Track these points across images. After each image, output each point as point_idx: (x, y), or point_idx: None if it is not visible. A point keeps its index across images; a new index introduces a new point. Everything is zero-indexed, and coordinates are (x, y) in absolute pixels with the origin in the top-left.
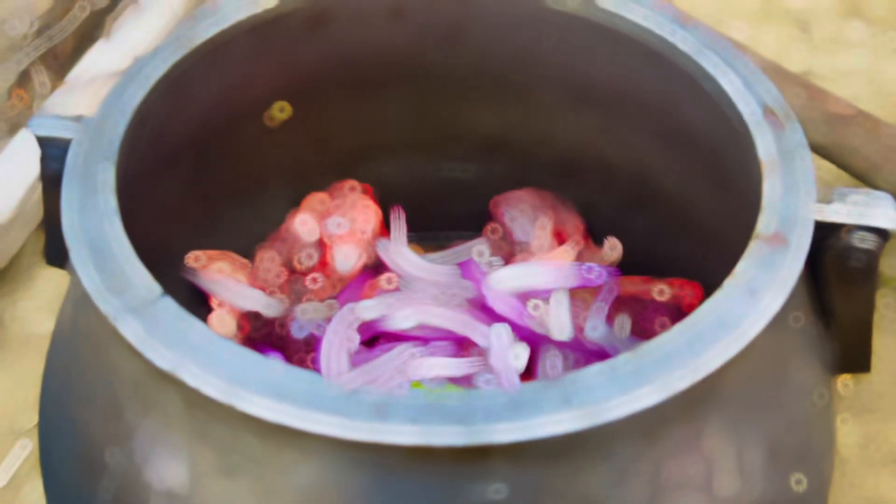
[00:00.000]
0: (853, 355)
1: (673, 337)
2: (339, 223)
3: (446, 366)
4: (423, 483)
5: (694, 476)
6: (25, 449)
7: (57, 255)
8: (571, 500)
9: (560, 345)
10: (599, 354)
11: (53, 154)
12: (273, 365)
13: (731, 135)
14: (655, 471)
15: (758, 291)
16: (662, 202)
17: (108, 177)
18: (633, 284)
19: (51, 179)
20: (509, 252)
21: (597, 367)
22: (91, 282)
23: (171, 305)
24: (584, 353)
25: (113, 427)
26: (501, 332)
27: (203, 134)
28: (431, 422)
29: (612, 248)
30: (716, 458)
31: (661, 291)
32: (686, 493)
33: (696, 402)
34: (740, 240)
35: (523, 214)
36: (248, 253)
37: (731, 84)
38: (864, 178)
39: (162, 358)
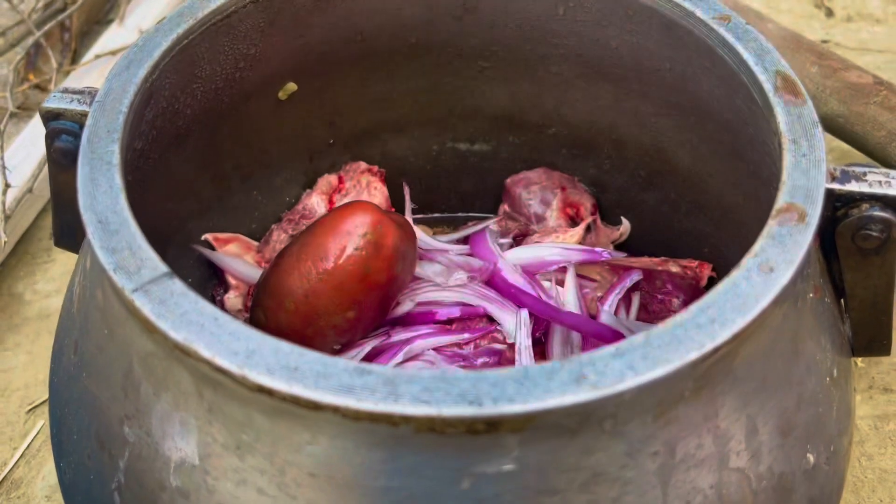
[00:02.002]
0: (871, 336)
1: (686, 316)
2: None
3: (449, 340)
4: (433, 456)
5: (706, 454)
6: (38, 423)
7: (64, 235)
8: (582, 475)
9: (572, 324)
10: (613, 335)
11: (63, 128)
12: (281, 343)
13: (747, 106)
14: (668, 449)
15: (775, 269)
16: (675, 178)
17: (113, 156)
18: (647, 265)
19: (60, 155)
20: (522, 232)
21: (610, 348)
22: (108, 259)
23: (179, 285)
24: (596, 334)
25: (130, 404)
26: (524, 313)
27: (212, 112)
28: (442, 394)
29: (623, 232)
30: (729, 436)
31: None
32: (698, 470)
33: (708, 379)
34: (755, 216)
35: (535, 195)
36: (259, 232)
37: (749, 54)
38: (881, 150)
39: (177, 331)
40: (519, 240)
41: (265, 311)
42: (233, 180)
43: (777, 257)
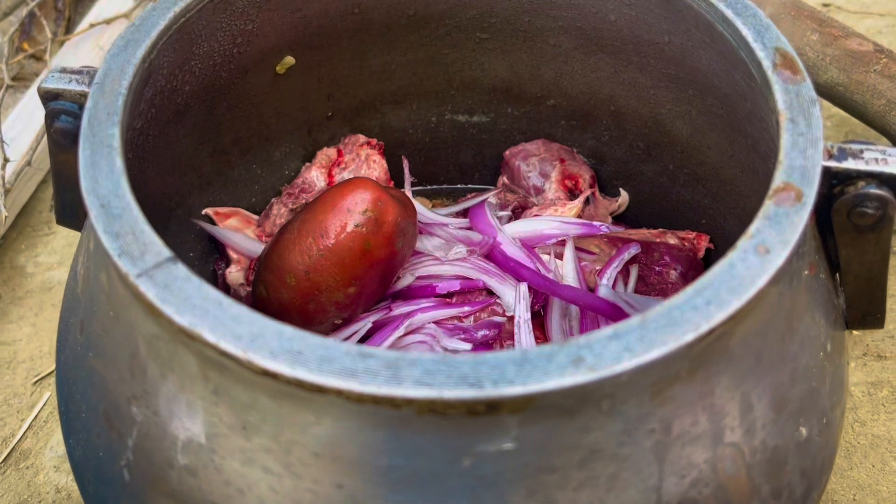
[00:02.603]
0: (865, 311)
1: (682, 298)
2: (348, 178)
3: (449, 313)
4: (435, 436)
5: (701, 431)
6: (45, 394)
7: (66, 214)
8: (580, 453)
9: (570, 298)
10: (611, 309)
11: (62, 108)
12: (284, 327)
13: (746, 82)
14: (664, 427)
15: (771, 251)
16: (674, 150)
17: (114, 139)
18: (645, 237)
19: (60, 135)
20: (521, 204)
21: (607, 330)
22: (111, 244)
23: (183, 270)
24: (594, 307)
25: (137, 384)
26: (523, 287)
27: (210, 87)
28: (443, 377)
29: (622, 203)
30: (724, 413)
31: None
32: (693, 446)
33: (703, 359)
34: (752, 188)
35: (534, 167)
36: (259, 206)
37: (748, 30)
38: (880, 119)
39: (181, 315)
40: (518, 212)
41: (267, 286)
42: (232, 154)
43: (773, 238)
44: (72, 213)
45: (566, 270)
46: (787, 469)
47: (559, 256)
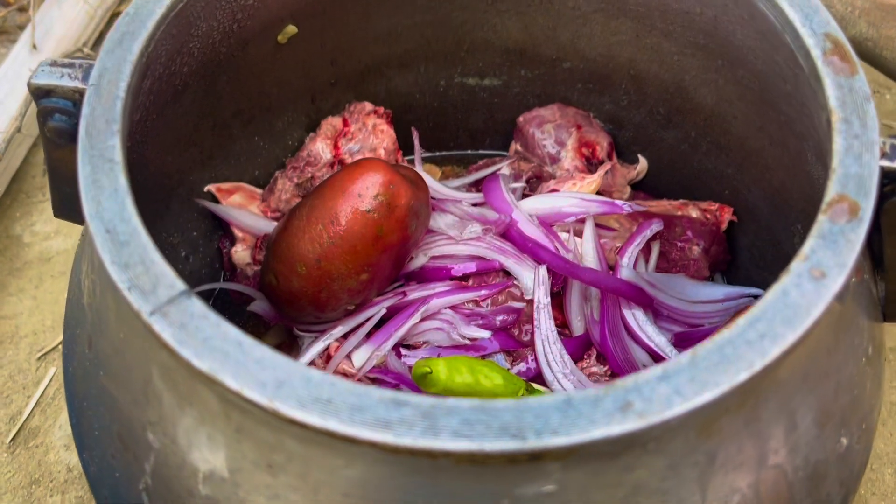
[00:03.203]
0: None
1: (734, 332)
2: (355, 149)
3: (465, 297)
4: (473, 482)
5: (746, 457)
6: (50, 370)
7: (64, 207)
8: (622, 490)
9: (591, 280)
10: (632, 290)
11: (55, 107)
12: (311, 371)
13: (789, 67)
14: (708, 458)
15: (827, 275)
16: (697, 117)
17: (115, 152)
18: (666, 209)
19: (55, 134)
20: (536, 174)
21: (656, 370)
22: (120, 277)
23: (199, 306)
24: (616, 289)
25: (152, 411)
26: (542, 270)
27: (209, 64)
28: (483, 427)
29: (640, 171)
30: (769, 437)
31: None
32: (737, 472)
33: (753, 390)
34: (781, 163)
35: (550, 134)
36: (263, 178)
37: (794, 12)
38: None
39: (200, 360)
40: (532, 183)
41: (276, 275)
42: (234, 127)
43: (828, 260)
44: (70, 206)
45: (586, 249)
46: (827, 482)
47: (578, 234)
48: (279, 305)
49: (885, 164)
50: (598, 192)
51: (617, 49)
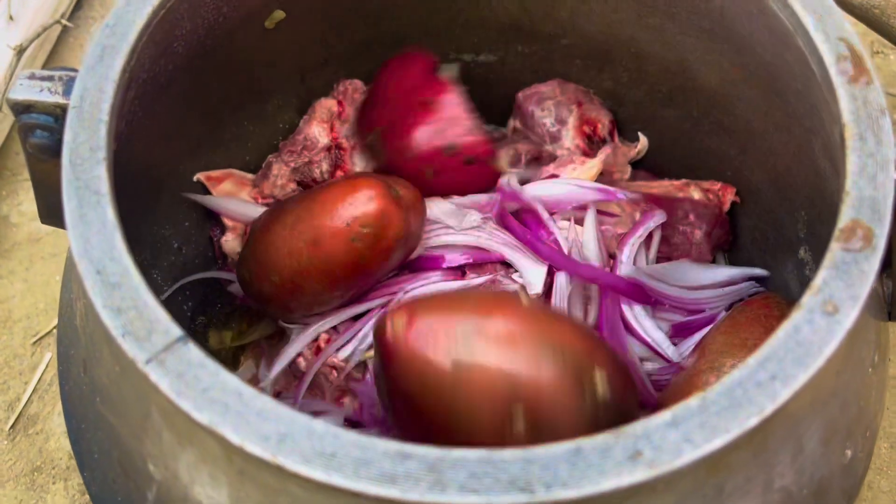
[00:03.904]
0: None
1: (745, 373)
2: (352, 131)
3: (451, 287)
4: None
5: (753, 484)
6: (46, 355)
7: (50, 214)
8: None
9: (590, 277)
10: (632, 288)
11: (36, 123)
12: (314, 423)
13: (800, 69)
14: (716, 491)
15: (840, 309)
16: (699, 96)
17: (101, 183)
18: (667, 190)
19: (37, 150)
20: (535, 154)
21: (665, 416)
22: (113, 323)
23: (196, 353)
24: (615, 286)
25: (152, 445)
26: (562, 277)
27: (195, 58)
28: (491, 480)
29: (641, 149)
30: (776, 463)
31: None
32: (744, 499)
33: (763, 428)
34: (786, 148)
35: (550, 112)
36: (255, 163)
37: (807, 14)
38: None
39: (200, 412)
40: (532, 164)
41: (251, 274)
42: (222, 114)
43: (841, 293)
44: (57, 214)
45: (587, 239)
46: (830, 495)
47: (579, 222)
48: (248, 295)
49: None
50: (600, 173)
51: (617, 27)
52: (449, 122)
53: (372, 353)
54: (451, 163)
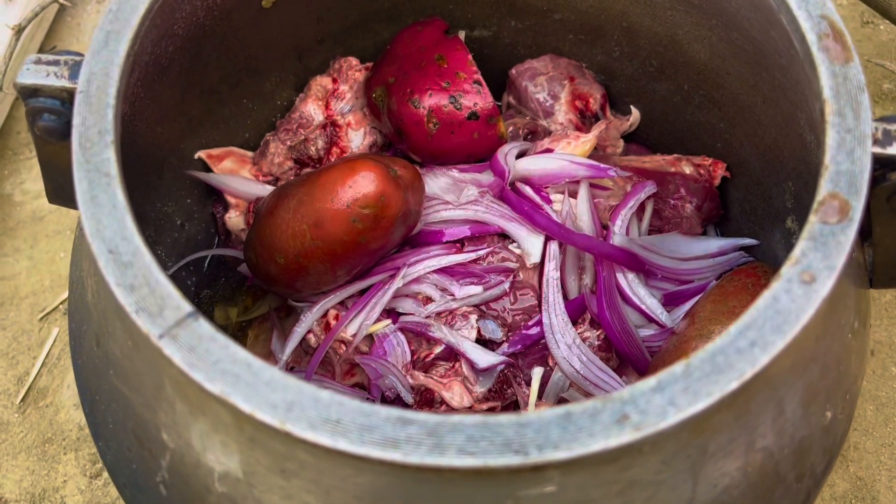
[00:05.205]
0: (892, 275)
1: (726, 340)
2: (346, 109)
3: (452, 261)
4: (478, 488)
5: (735, 444)
6: (53, 330)
7: (58, 194)
8: (618, 486)
9: (584, 246)
10: (625, 256)
11: (43, 107)
12: (320, 392)
13: (784, 46)
14: (700, 450)
15: (817, 279)
16: (689, 71)
17: (111, 165)
18: (659, 165)
19: (46, 133)
20: (530, 128)
21: (651, 381)
22: (127, 300)
23: (206, 328)
24: (608, 255)
25: (165, 415)
26: (554, 246)
27: (194, 38)
28: (487, 443)
29: (633, 122)
30: (757, 424)
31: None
32: (727, 459)
33: (744, 391)
34: (773, 121)
35: (543, 87)
36: (254, 141)
37: None
38: None
39: (212, 383)
40: (528, 139)
41: (257, 256)
42: (221, 92)
43: (818, 263)
44: (65, 194)
45: (580, 211)
46: (811, 454)
47: (573, 195)
48: (256, 277)
49: (877, 150)
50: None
51: (609, 1)
52: (456, 77)
53: (377, 326)
54: (455, 117)
